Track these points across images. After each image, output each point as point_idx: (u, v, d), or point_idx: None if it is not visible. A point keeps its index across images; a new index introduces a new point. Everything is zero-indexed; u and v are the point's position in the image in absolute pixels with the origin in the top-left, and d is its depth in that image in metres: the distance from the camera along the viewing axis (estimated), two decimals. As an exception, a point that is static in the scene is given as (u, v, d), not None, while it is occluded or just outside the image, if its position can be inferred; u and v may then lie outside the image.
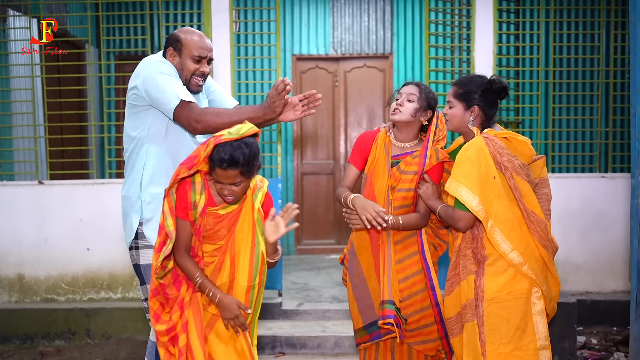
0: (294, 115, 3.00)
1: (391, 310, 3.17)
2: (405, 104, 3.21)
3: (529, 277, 2.90)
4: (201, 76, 3.11)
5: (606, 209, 5.42)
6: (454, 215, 2.93)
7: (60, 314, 5.20)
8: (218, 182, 2.58)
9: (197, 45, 3.07)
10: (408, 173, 3.21)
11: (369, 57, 7.87)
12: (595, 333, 5.20)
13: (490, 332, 2.87)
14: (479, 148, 2.87)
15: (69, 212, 5.34)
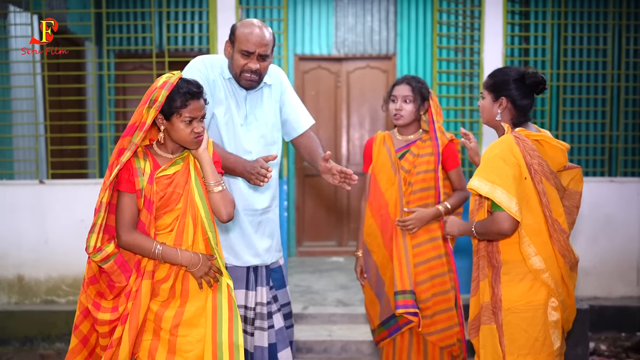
0: (332, 180, 2.94)
1: (413, 301, 3.27)
2: (403, 107, 3.35)
3: (548, 285, 2.76)
4: (250, 72, 2.95)
5: (615, 213, 5.37)
6: (495, 219, 2.68)
7: (60, 316, 5.10)
8: (188, 123, 2.48)
9: (246, 39, 2.91)
10: (423, 155, 3.36)
11: (372, 58, 7.80)
12: (603, 339, 5.15)
13: (509, 342, 2.77)
14: (509, 147, 2.71)
15: (70, 212, 5.23)
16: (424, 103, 3.39)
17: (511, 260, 2.78)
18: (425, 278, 3.36)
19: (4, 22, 5.57)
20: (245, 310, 3.06)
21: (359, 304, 5.39)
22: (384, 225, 3.41)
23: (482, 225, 2.77)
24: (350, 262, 7.29)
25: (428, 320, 3.36)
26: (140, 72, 7.25)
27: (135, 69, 7.52)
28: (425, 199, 3.34)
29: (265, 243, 3.12)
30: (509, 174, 2.66)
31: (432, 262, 3.37)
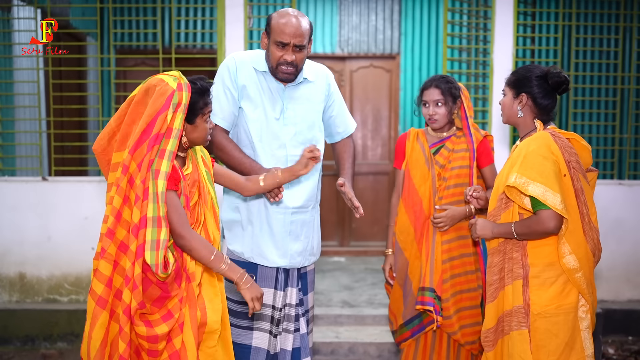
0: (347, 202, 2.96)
1: (431, 298, 3.27)
2: (436, 111, 3.34)
3: (580, 285, 2.70)
4: (286, 64, 2.87)
5: (623, 216, 5.34)
6: (541, 218, 2.62)
7: (63, 315, 5.02)
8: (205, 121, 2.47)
9: (281, 30, 2.83)
10: (459, 151, 3.34)
11: (375, 57, 7.75)
12: (610, 342, 5.12)
13: (538, 348, 2.70)
14: (547, 143, 2.67)
15: (74, 209, 5.16)
16: (455, 102, 3.36)
17: (540, 263, 2.72)
18: (449, 276, 3.34)
19: (7, 15, 5.48)
20: (273, 311, 3.00)
21: (364, 305, 5.34)
22: (416, 222, 3.38)
23: (525, 225, 2.70)
24: (351, 263, 7.25)
25: (453, 318, 3.33)
26: (144, 69, 7.17)
27: (137, 65, 7.44)
28: (459, 195, 3.30)
29: (296, 245, 3.04)
30: (551, 171, 2.61)
31: (457, 261, 3.35)
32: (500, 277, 2.83)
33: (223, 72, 2.95)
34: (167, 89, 2.31)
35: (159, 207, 2.27)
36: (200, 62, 6.61)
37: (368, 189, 7.75)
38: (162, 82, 2.34)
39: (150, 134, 2.28)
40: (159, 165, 2.29)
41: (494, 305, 2.84)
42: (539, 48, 5.88)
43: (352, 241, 7.74)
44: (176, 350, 2.39)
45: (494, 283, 2.84)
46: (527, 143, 2.71)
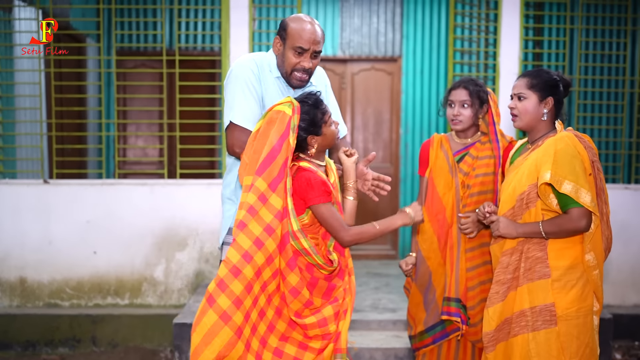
0: (362, 186, 2.95)
1: (457, 309, 3.22)
2: (461, 112, 3.26)
3: (596, 283, 2.78)
4: (303, 71, 2.85)
5: (629, 220, 5.31)
6: (573, 216, 2.66)
7: (64, 320, 4.97)
8: (326, 133, 2.67)
9: (299, 35, 2.80)
10: (483, 158, 3.27)
11: (377, 60, 7.70)
12: (617, 347, 5.09)
13: (560, 351, 2.72)
14: (574, 143, 2.71)
15: (76, 213, 5.10)
16: (482, 106, 3.28)
17: (562, 266, 2.75)
18: (475, 284, 3.29)
19: (8, 16, 5.41)
20: None
21: (369, 310, 5.29)
22: (440, 230, 3.33)
23: (555, 223, 2.72)
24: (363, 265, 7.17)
25: (479, 326, 3.26)
26: (144, 70, 7.11)
27: (136, 67, 7.38)
28: (483, 202, 3.23)
29: None
30: (580, 170, 2.66)
31: (481, 268, 3.30)
32: (514, 276, 2.82)
33: (246, 73, 2.87)
34: (285, 117, 2.54)
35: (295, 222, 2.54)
36: (203, 64, 6.55)
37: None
38: (281, 113, 2.56)
39: (274, 159, 2.50)
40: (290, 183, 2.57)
41: (500, 306, 2.84)
42: (545, 51, 5.85)
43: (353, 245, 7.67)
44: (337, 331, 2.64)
45: (506, 282, 2.83)
46: (553, 143, 2.73)
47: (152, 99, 6.91)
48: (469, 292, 3.28)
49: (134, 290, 5.14)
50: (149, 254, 5.14)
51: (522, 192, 2.79)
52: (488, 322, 2.88)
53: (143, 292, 5.15)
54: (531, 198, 2.77)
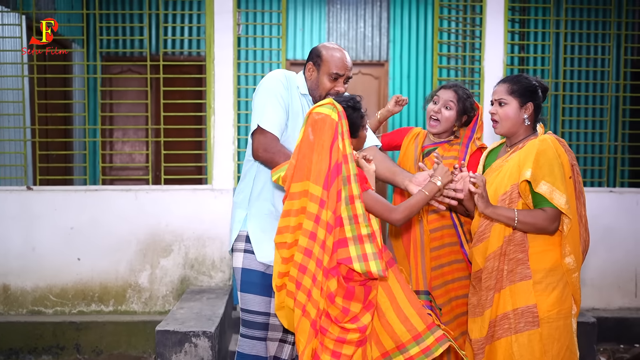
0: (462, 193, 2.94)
1: (428, 302, 3.23)
2: (442, 111, 3.28)
3: (575, 285, 2.81)
4: (336, 95, 2.97)
5: (614, 224, 5.32)
6: (549, 215, 2.70)
7: (47, 327, 4.91)
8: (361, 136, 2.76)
9: (335, 63, 2.97)
10: (447, 158, 3.29)
11: (364, 64, 7.72)
12: (602, 351, 5.10)
13: (542, 353, 2.74)
14: (555, 145, 2.76)
15: (59, 219, 5.06)
16: (462, 115, 3.31)
17: (542, 269, 2.77)
18: (439, 283, 3.32)
19: (-9, 22, 5.39)
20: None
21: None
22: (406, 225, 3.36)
23: (532, 215, 2.73)
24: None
25: (451, 324, 3.31)
26: (130, 76, 7.09)
27: (122, 72, 7.36)
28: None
29: None
30: (559, 172, 2.70)
31: (447, 268, 3.33)
32: (497, 280, 2.84)
33: (276, 84, 3.01)
34: (331, 121, 2.55)
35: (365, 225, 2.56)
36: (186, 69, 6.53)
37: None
38: (325, 115, 2.57)
39: (328, 165, 2.54)
40: (350, 191, 2.56)
41: (489, 312, 2.85)
42: (529, 55, 5.86)
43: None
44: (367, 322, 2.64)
45: (492, 288, 2.85)
46: (535, 144, 2.77)
47: (138, 105, 6.89)
48: (434, 292, 3.29)
49: (119, 297, 5.11)
50: (134, 260, 5.11)
51: (505, 192, 2.81)
52: (479, 329, 2.88)
53: (127, 299, 5.12)
54: (513, 198, 2.80)
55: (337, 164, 2.54)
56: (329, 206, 2.53)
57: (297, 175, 2.59)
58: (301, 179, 2.58)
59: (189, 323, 4.16)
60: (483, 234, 2.88)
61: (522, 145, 2.86)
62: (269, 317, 3.04)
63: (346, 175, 2.56)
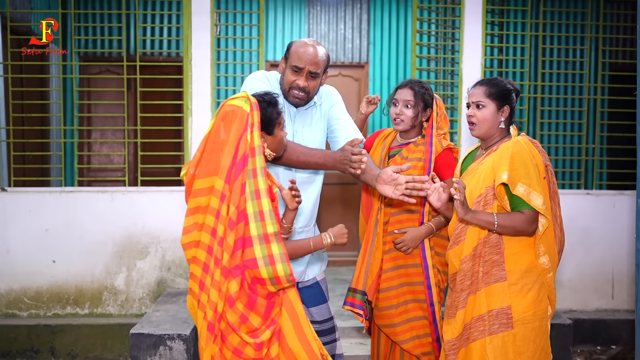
0: (393, 193, 2.77)
1: (361, 301, 3.28)
2: (403, 111, 3.27)
3: (550, 285, 2.83)
4: (299, 89, 2.94)
5: (591, 226, 5.35)
6: (527, 217, 2.72)
7: (22, 330, 4.85)
8: (277, 135, 2.61)
9: (298, 55, 2.93)
10: (411, 160, 3.27)
11: (344, 66, 7.71)
12: (579, 352, 5.12)
13: (517, 355, 2.75)
14: (529, 147, 2.78)
15: (34, 221, 5.00)
16: (425, 109, 3.30)
17: (518, 270, 2.78)
18: (396, 284, 3.32)
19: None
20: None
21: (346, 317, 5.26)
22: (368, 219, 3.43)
23: (510, 218, 2.74)
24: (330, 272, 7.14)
25: (400, 327, 3.32)
26: (108, 76, 7.03)
27: (102, 72, 7.30)
28: (406, 203, 3.13)
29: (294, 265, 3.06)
30: (534, 173, 2.72)
31: (402, 270, 3.33)
32: (472, 281, 2.84)
33: (256, 84, 3.00)
34: (242, 112, 2.45)
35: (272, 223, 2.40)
36: (166, 69, 6.49)
37: (336, 199, 7.69)
38: (236, 107, 2.47)
39: (234, 159, 2.41)
40: (255, 185, 2.41)
41: (462, 312, 2.86)
42: (507, 58, 5.89)
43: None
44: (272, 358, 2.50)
45: (466, 289, 2.85)
46: (509, 146, 2.79)
47: (116, 106, 6.83)
48: (388, 292, 3.31)
49: (94, 300, 5.05)
50: (110, 263, 5.06)
51: (480, 194, 2.82)
52: (451, 330, 2.88)
53: (103, 302, 5.06)
54: (488, 200, 2.81)
55: (243, 156, 2.42)
56: (232, 200, 2.39)
57: (203, 171, 2.48)
58: (208, 174, 2.46)
59: (164, 326, 4.12)
60: (459, 236, 2.89)
61: (496, 148, 2.88)
62: None
63: (252, 169, 2.42)
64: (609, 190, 5.49)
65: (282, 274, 2.38)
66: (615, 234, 5.38)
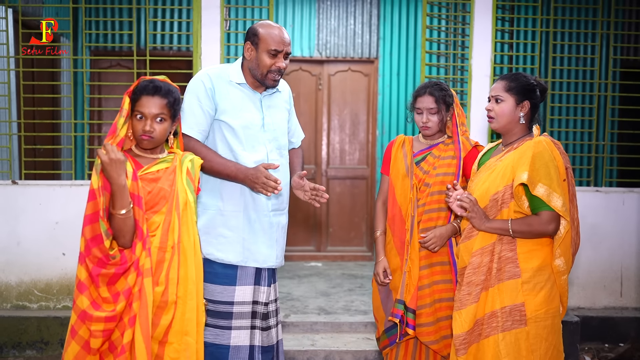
0: (303, 196, 3.07)
1: (399, 310, 3.27)
2: (430, 119, 3.31)
3: (563, 288, 2.84)
4: (277, 71, 3.04)
5: (600, 223, 5.34)
6: (544, 219, 2.72)
7: (32, 322, 4.89)
8: (139, 119, 2.54)
9: (274, 39, 3.00)
10: (445, 158, 3.31)
11: (354, 61, 7.71)
12: (587, 350, 5.11)
13: (529, 352, 2.76)
14: (551, 148, 2.78)
15: (44, 214, 5.04)
16: (448, 110, 3.34)
17: (530, 268, 2.78)
18: (425, 283, 3.31)
19: (-23, 15, 5.34)
20: (255, 306, 3.10)
21: (341, 312, 5.29)
22: (398, 232, 3.37)
23: (526, 223, 2.76)
24: (328, 268, 7.19)
25: (431, 327, 3.30)
26: (119, 71, 7.06)
27: (112, 66, 7.33)
28: (443, 202, 3.23)
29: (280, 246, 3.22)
30: (555, 174, 2.71)
31: (437, 267, 3.32)
32: (485, 277, 2.84)
33: (198, 87, 3.05)
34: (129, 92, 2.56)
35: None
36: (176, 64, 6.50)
37: (346, 193, 7.71)
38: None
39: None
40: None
41: (474, 307, 2.85)
42: (517, 54, 5.87)
43: (329, 246, 7.68)
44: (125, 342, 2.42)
45: (480, 284, 2.85)
46: (531, 146, 2.78)
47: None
48: (420, 291, 3.30)
49: (104, 292, 5.08)
50: (119, 256, 5.08)
51: (497, 192, 2.82)
52: (460, 324, 2.87)
53: (113, 294, 5.09)
54: (505, 199, 2.81)
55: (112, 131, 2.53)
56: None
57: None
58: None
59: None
60: (471, 231, 2.90)
61: (516, 146, 2.87)
62: (233, 306, 3.05)
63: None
64: (619, 188, 5.48)
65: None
66: (624, 231, 5.37)
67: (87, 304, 2.40)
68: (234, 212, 3.08)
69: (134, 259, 2.46)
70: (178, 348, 2.54)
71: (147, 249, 2.48)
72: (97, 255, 2.40)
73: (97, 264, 2.41)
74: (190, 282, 2.58)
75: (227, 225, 3.07)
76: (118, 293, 2.43)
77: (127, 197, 2.43)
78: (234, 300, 3.05)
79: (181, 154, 2.69)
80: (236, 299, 3.05)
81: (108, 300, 2.42)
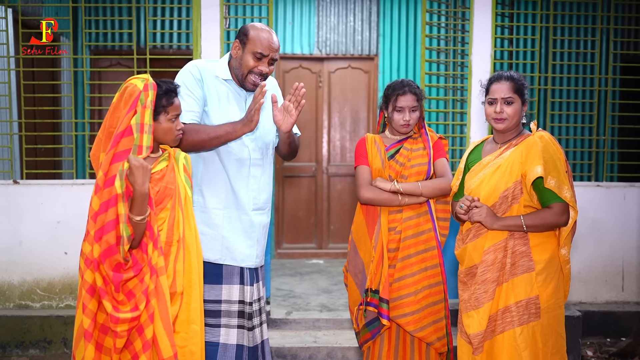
0: (292, 118, 2.99)
1: (374, 299, 3.34)
2: (412, 116, 3.41)
3: (567, 276, 2.92)
4: (259, 75, 3.01)
5: (601, 218, 5.34)
6: (556, 211, 2.79)
7: (35, 321, 4.90)
8: (173, 121, 2.60)
9: (261, 42, 2.98)
10: (417, 150, 3.43)
11: (354, 58, 7.71)
12: (589, 344, 5.12)
13: (543, 343, 2.81)
14: (552, 142, 2.84)
15: (46, 213, 5.04)
16: (422, 107, 3.49)
17: (542, 260, 2.84)
18: (409, 273, 3.36)
19: (-23, 15, 5.35)
20: (242, 305, 3.09)
21: (343, 309, 5.29)
22: (373, 221, 3.46)
23: (538, 217, 2.81)
24: (330, 265, 7.20)
25: (415, 315, 3.34)
26: (119, 69, 7.07)
27: (112, 65, 7.33)
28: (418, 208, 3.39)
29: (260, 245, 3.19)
30: (561, 167, 2.79)
31: (413, 258, 3.38)
32: (500, 273, 2.87)
33: (186, 77, 3.04)
34: (135, 90, 2.50)
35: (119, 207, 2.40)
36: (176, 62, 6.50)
37: (347, 191, 7.71)
38: (130, 84, 2.54)
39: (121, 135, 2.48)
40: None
41: (489, 305, 2.87)
42: (517, 50, 5.87)
43: (331, 243, 7.68)
44: (147, 340, 2.47)
45: (495, 280, 2.87)
46: (536, 141, 2.83)
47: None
48: (401, 281, 3.35)
49: (106, 291, 5.09)
50: (121, 255, 5.09)
51: (507, 188, 2.85)
52: (478, 322, 2.88)
53: (115, 293, 5.10)
54: (516, 195, 2.85)
55: (125, 129, 2.47)
56: (103, 167, 2.45)
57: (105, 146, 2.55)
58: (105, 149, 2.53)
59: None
60: (480, 229, 2.92)
61: (516, 142, 2.90)
62: (221, 304, 3.05)
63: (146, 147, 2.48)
64: (620, 182, 5.48)
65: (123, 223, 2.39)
66: (625, 226, 5.37)
67: (111, 308, 2.43)
68: (214, 210, 3.06)
69: (147, 259, 2.49)
70: (185, 336, 2.61)
71: (158, 248, 2.52)
72: (117, 259, 2.42)
73: (115, 269, 2.42)
74: (194, 272, 2.65)
75: (207, 222, 3.05)
76: (131, 293, 2.46)
77: (147, 204, 2.46)
78: (222, 298, 3.05)
79: (172, 151, 2.71)
80: (223, 297, 3.05)
81: (123, 302, 2.46)
